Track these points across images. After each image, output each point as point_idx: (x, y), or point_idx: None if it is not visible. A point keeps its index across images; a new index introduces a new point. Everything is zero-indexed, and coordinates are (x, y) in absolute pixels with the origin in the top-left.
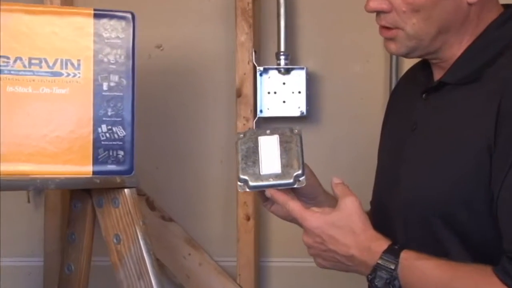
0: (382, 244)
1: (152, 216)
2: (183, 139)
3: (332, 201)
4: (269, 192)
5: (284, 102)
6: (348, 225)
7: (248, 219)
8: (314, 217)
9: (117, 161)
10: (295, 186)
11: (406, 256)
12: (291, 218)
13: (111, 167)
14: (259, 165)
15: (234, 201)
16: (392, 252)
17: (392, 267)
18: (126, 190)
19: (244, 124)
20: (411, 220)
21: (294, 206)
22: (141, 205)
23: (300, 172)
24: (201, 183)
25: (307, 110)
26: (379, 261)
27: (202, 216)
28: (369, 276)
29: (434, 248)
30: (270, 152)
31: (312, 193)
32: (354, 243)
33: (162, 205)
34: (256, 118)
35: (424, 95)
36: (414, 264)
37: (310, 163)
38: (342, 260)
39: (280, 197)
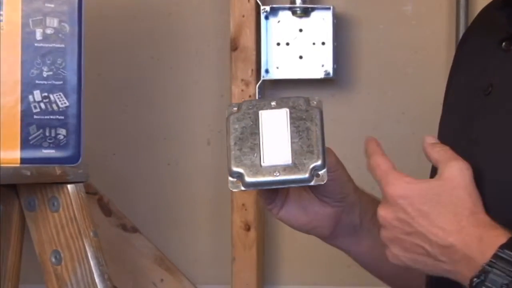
0: (499, 234)
1: (107, 225)
2: (153, 112)
3: (370, 205)
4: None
5: (301, 58)
6: (452, 201)
7: (248, 229)
8: (403, 182)
9: (57, 144)
10: (312, 183)
11: None
12: (309, 228)
13: (48, 152)
14: (260, 152)
15: (228, 202)
16: None
17: None
18: (69, 186)
19: (242, 90)
20: None
21: (382, 161)
22: (92, 208)
23: (319, 162)
24: (179, 176)
25: (334, 69)
26: (494, 259)
27: (181, 224)
28: (474, 279)
29: None
30: (276, 133)
31: (338, 192)
32: (456, 228)
33: (122, 209)
34: (260, 82)
35: (504, 44)
36: None
37: (338, 148)
38: (433, 252)
39: (370, 143)
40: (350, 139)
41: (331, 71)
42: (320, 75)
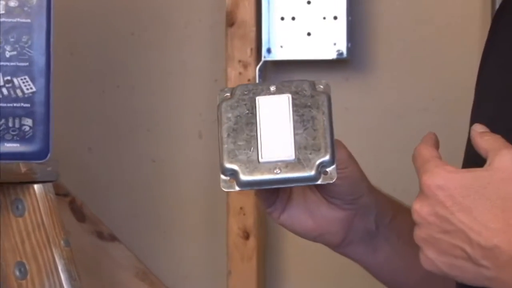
0: None
1: (81, 232)
2: (135, 99)
3: (388, 207)
4: None
5: (309, 35)
6: (499, 195)
7: (247, 236)
8: (443, 170)
9: (22, 137)
10: (319, 182)
11: None
12: (316, 235)
13: (11, 146)
14: (258, 146)
15: (223, 205)
16: None
17: None
18: (36, 186)
19: (240, 73)
20: None
21: (426, 150)
22: (63, 212)
23: (327, 158)
24: (166, 174)
25: (348, 49)
26: None
27: (167, 231)
28: None
29: None
30: (276, 123)
31: (350, 193)
32: (503, 226)
33: (98, 213)
34: (261, 63)
35: None
36: None
37: (351, 141)
38: (474, 254)
39: (426, 136)
40: (365, 130)
41: (344, 50)
42: (331, 55)
